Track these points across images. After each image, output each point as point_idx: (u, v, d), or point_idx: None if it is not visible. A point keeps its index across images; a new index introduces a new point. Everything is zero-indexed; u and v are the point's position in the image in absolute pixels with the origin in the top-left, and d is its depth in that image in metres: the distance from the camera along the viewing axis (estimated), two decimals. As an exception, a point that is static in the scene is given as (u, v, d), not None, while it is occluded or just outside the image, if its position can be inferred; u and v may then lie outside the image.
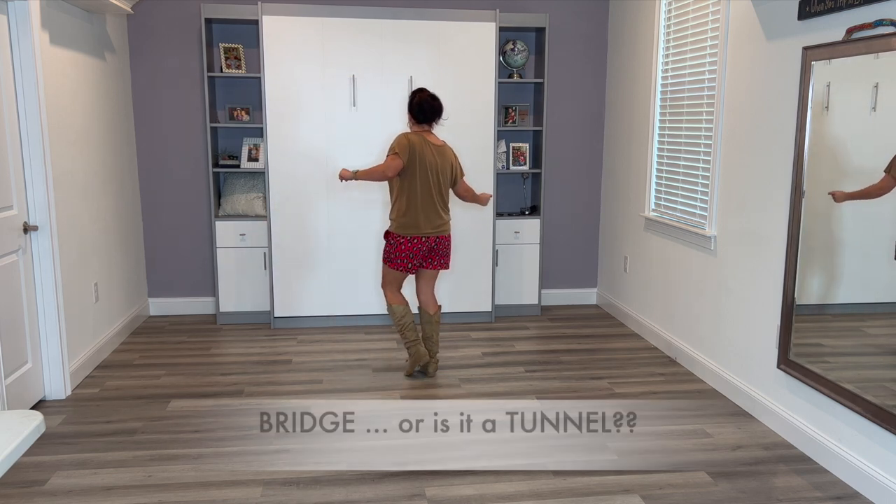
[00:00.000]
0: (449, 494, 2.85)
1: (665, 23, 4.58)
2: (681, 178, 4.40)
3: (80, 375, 4.09)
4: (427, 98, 3.96)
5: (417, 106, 3.95)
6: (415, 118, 3.99)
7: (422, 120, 3.99)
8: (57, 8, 3.92)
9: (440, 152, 4.00)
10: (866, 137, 2.78)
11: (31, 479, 2.96)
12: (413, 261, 4.04)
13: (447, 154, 4.03)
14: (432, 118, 4.00)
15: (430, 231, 4.02)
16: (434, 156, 3.97)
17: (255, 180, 5.29)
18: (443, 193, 4.04)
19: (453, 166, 4.06)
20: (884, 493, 2.75)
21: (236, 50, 5.13)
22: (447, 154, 4.03)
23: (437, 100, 3.98)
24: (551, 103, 5.60)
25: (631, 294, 5.20)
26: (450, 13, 4.93)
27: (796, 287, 3.23)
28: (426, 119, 3.99)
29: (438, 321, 4.22)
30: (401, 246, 4.00)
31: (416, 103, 3.96)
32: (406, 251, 4.01)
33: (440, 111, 4.00)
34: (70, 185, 4.06)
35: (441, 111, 4.01)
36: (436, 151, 3.98)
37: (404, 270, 4.05)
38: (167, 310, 5.49)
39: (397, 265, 4.03)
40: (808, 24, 3.15)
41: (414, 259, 4.04)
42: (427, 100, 3.95)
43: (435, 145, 3.99)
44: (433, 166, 3.96)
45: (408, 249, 4.00)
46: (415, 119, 3.99)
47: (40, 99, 3.64)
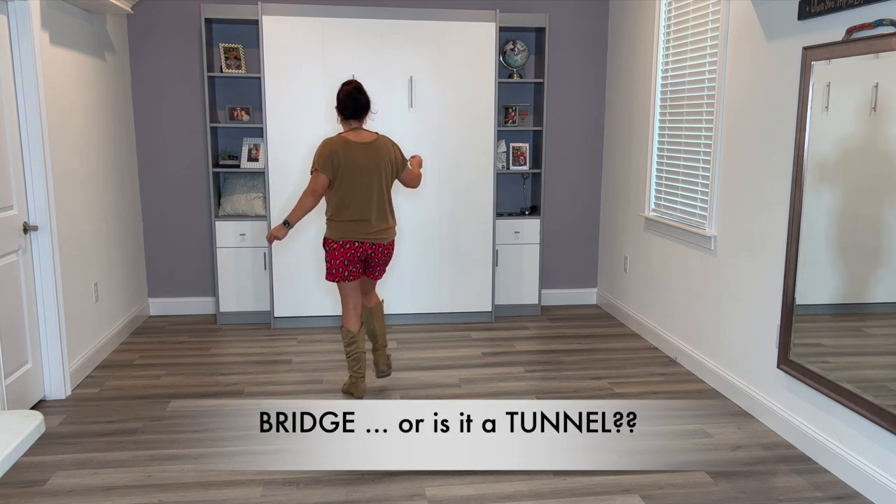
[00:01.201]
0: (449, 494, 2.85)
1: (665, 23, 4.58)
2: (681, 178, 4.40)
3: (80, 375, 4.09)
4: (352, 92, 3.56)
5: (342, 101, 3.58)
6: (341, 114, 3.62)
7: (349, 116, 3.60)
8: (57, 8, 3.92)
9: (372, 149, 3.59)
10: (865, 137, 2.78)
11: (31, 479, 2.96)
12: (349, 268, 3.65)
13: (381, 149, 3.62)
14: (359, 113, 3.61)
15: (364, 237, 3.63)
16: (364, 156, 3.57)
17: (255, 180, 5.29)
18: (381, 195, 3.64)
19: (393, 160, 3.66)
20: (884, 493, 2.75)
21: (236, 50, 5.13)
22: (381, 149, 3.62)
23: (364, 93, 3.60)
24: (551, 103, 5.59)
25: (631, 294, 5.20)
26: (450, 13, 4.93)
27: (796, 287, 3.23)
28: (353, 115, 3.60)
29: (380, 312, 3.89)
30: (334, 252, 3.63)
31: (341, 98, 3.58)
32: (340, 257, 3.63)
33: (367, 106, 3.61)
34: (70, 185, 4.06)
35: (368, 105, 3.62)
36: (366, 150, 3.58)
37: (342, 280, 3.66)
38: (167, 310, 5.49)
39: (333, 275, 3.66)
40: (808, 24, 3.15)
41: (350, 266, 3.65)
42: (352, 94, 3.56)
43: (364, 143, 3.58)
44: (363, 168, 3.57)
45: (342, 255, 3.63)
46: (342, 115, 3.62)
47: (40, 99, 3.64)
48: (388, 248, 3.74)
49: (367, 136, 3.62)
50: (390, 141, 3.70)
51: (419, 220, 5.15)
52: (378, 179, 3.61)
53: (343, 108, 3.59)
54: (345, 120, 3.64)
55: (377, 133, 3.68)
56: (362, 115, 3.63)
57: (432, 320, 5.31)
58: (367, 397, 3.87)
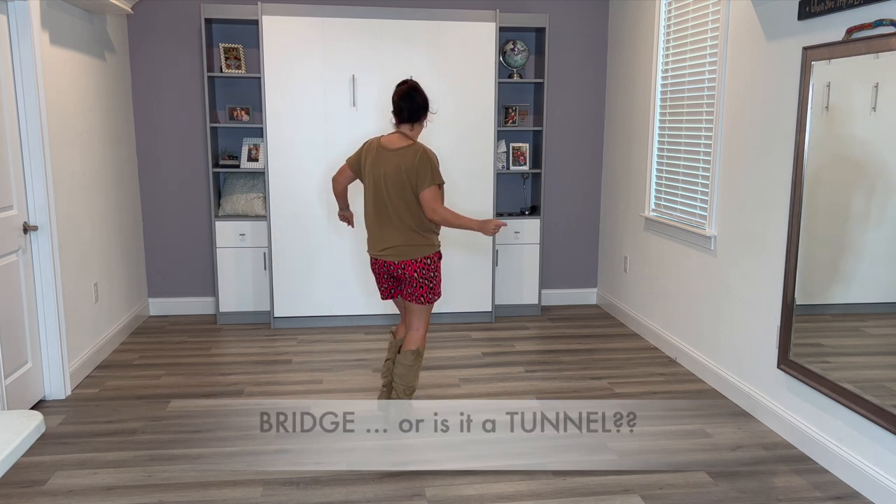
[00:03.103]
0: (449, 494, 2.85)
1: (665, 23, 4.58)
2: (681, 178, 4.40)
3: (80, 375, 4.09)
4: (403, 93, 3.27)
5: (393, 104, 3.31)
6: (395, 115, 3.34)
7: (401, 119, 3.31)
8: (57, 8, 3.92)
9: (394, 158, 3.24)
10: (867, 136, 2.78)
11: (31, 479, 2.96)
12: (380, 285, 3.47)
13: (402, 159, 3.23)
14: (409, 118, 3.29)
15: (376, 253, 3.36)
16: (386, 163, 3.25)
17: (255, 180, 5.29)
18: (393, 208, 3.26)
19: (413, 175, 3.21)
20: (884, 493, 2.75)
21: (236, 50, 5.13)
22: (402, 159, 3.23)
23: (412, 97, 3.26)
24: (551, 103, 5.60)
25: (631, 294, 5.20)
26: (450, 13, 4.93)
27: (796, 287, 3.23)
28: (403, 118, 3.29)
29: (405, 364, 3.40)
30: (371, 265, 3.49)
31: (394, 100, 3.31)
32: (373, 271, 3.50)
33: (416, 110, 3.27)
34: (70, 185, 4.06)
35: (421, 108, 3.28)
36: (389, 157, 3.25)
37: (381, 294, 3.52)
38: (167, 310, 5.49)
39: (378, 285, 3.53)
40: (808, 24, 3.15)
41: (379, 282, 3.47)
42: (403, 95, 3.27)
43: (391, 150, 3.26)
44: (381, 176, 3.26)
45: (372, 270, 3.53)
46: (395, 116, 3.34)
47: (40, 99, 3.64)
48: (401, 267, 3.32)
49: (401, 143, 3.28)
50: (419, 151, 3.23)
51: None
52: (392, 191, 3.25)
53: (397, 110, 3.30)
54: (398, 122, 3.33)
55: (415, 141, 3.29)
56: (416, 118, 3.29)
57: (432, 320, 5.30)
58: (368, 396, 3.87)
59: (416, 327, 3.43)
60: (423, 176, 3.21)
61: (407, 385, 3.42)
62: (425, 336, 3.47)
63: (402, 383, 3.42)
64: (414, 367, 3.41)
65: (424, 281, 3.35)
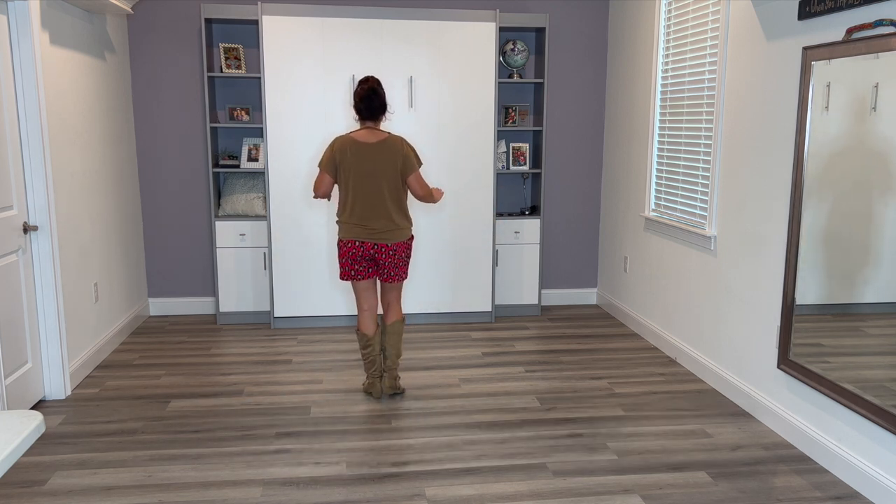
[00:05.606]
0: (449, 494, 2.85)
1: (665, 23, 4.58)
2: (681, 178, 4.40)
3: (80, 375, 4.09)
4: (367, 93, 3.52)
5: (356, 103, 3.55)
6: (357, 113, 3.60)
7: (364, 117, 3.58)
8: (57, 8, 3.92)
9: (380, 150, 3.53)
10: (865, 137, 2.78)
11: (31, 479, 2.96)
12: (355, 266, 3.65)
13: (390, 150, 3.54)
14: (373, 116, 3.57)
15: (366, 237, 3.60)
16: (370, 157, 3.52)
17: (255, 180, 5.29)
18: (388, 196, 3.57)
19: (402, 162, 3.56)
20: (884, 493, 2.75)
21: (236, 50, 5.13)
22: (390, 150, 3.54)
23: (379, 94, 3.52)
24: (551, 103, 5.60)
25: (631, 294, 5.20)
26: (450, 13, 4.93)
27: (796, 287, 3.23)
28: (368, 117, 3.57)
29: (398, 332, 3.79)
30: (341, 251, 3.66)
31: (355, 99, 3.55)
32: (346, 256, 3.64)
33: (381, 108, 3.55)
34: (70, 185, 4.06)
35: (383, 108, 3.56)
36: (374, 151, 3.52)
37: (349, 279, 3.69)
38: (167, 310, 5.49)
39: (343, 274, 3.68)
40: (808, 24, 3.15)
41: (356, 265, 3.65)
42: (367, 95, 3.52)
43: (371, 144, 3.53)
44: (368, 169, 3.52)
45: (346, 254, 3.63)
46: (357, 114, 3.60)
47: (40, 99, 3.64)
48: (393, 249, 3.63)
49: (376, 136, 3.55)
50: (400, 140, 3.58)
51: (419, 220, 5.15)
52: (385, 180, 3.55)
53: (357, 110, 3.57)
54: (360, 119, 3.61)
55: (389, 133, 3.59)
56: (377, 117, 3.58)
57: (432, 320, 5.31)
58: (368, 398, 3.87)
59: (397, 300, 3.83)
60: (410, 160, 3.59)
61: (399, 351, 3.84)
62: None
63: (394, 350, 3.81)
64: (402, 333, 3.86)
65: (407, 259, 3.74)
